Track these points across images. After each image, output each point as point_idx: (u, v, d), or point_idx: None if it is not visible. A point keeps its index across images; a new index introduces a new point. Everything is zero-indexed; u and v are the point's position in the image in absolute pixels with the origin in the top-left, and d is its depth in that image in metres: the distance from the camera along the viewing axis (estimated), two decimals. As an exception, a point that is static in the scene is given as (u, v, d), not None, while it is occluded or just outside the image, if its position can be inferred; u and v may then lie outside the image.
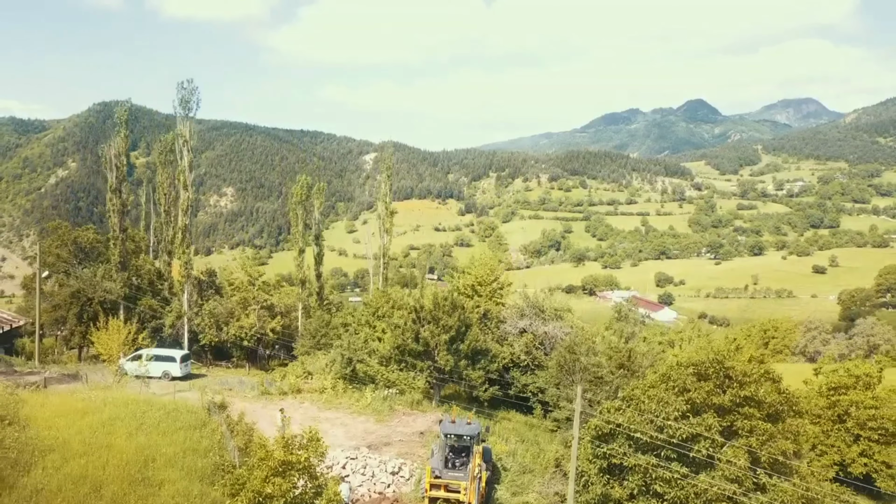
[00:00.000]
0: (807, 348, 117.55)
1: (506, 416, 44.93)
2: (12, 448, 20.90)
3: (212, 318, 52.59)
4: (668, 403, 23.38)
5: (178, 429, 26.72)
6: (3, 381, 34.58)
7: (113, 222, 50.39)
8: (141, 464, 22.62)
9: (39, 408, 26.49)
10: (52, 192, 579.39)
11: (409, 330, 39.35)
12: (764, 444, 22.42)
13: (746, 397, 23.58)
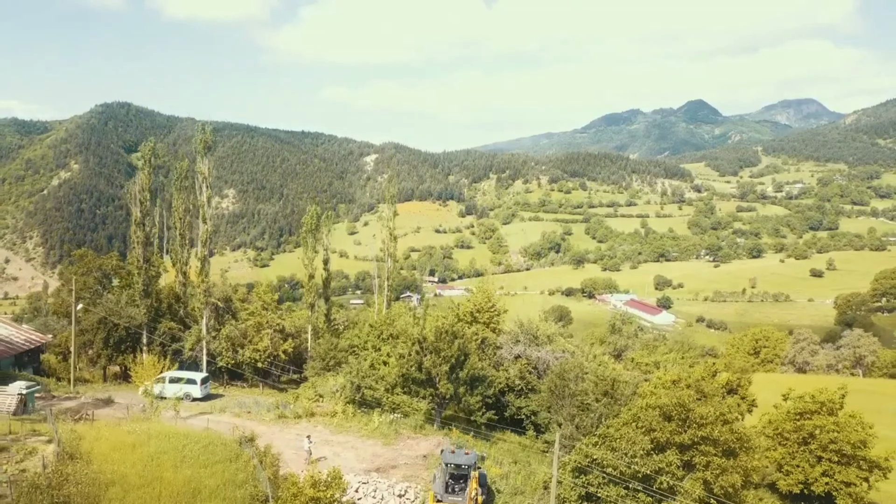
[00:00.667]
0: (795, 359, 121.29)
1: (501, 437, 48.83)
2: (84, 483, 24.82)
3: (228, 342, 56.52)
4: (636, 443, 27.32)
5: (216, 462, 30.45)
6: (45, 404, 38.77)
7: (137, 253, 54.18)
8: (189, 495, 26.41)
9: (95, 442, 30.22)
10: (54, 194, 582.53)
11: (412, 360, 43.26)
12: (717, 477, 26.34)
13: (703, 437, 27.48)
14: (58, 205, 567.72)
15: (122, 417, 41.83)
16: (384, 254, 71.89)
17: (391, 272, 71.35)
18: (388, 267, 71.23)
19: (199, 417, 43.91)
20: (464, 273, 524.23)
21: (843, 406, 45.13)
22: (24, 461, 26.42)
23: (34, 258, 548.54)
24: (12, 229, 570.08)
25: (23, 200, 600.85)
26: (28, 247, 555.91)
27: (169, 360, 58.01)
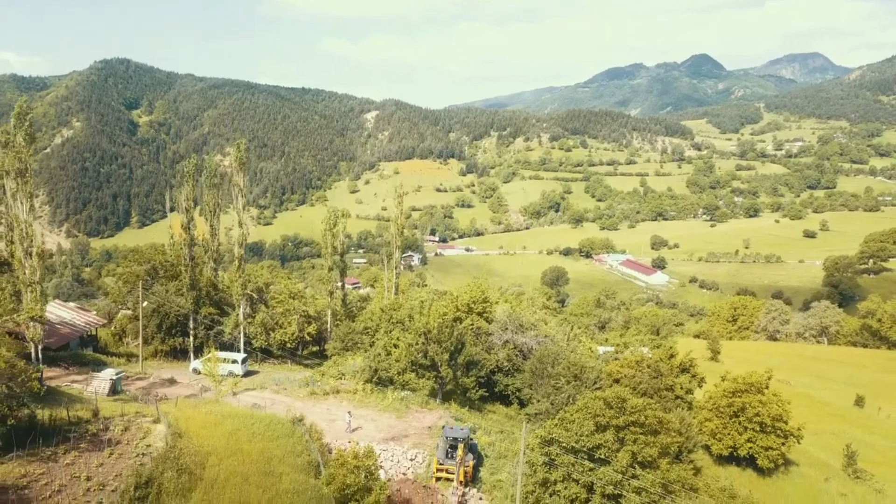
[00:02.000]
0: (767, 327, 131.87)
1: (492, 409, 59.25)
2: (193, 454, 34.88)
3: (262, 326, 66.54)
4: (583, 425, 37.35)
5: (278, 436, 40.46)
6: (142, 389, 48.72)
7: (184, 252, 63.52)
8: (264, 462, 36.30)
9: (187, 421, 40.33)
10: (58, 153, 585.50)
11: (419, 349, 53.27)
12: (641, 450, 36.41)
13: (633, 421, 37.44)
14: (62, 163, 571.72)
15: (189, 395, 52.28)
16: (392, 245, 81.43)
17: (398, 261, 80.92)
18: (396, 258, 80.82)
19: (246, 394, 54.10)
20: (464, 232, 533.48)
21: (768, 386, 55.34)
22: (145, 438, 36.53)
23: (41, 216, 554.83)
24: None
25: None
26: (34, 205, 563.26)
27: (208, 338, 68.37)
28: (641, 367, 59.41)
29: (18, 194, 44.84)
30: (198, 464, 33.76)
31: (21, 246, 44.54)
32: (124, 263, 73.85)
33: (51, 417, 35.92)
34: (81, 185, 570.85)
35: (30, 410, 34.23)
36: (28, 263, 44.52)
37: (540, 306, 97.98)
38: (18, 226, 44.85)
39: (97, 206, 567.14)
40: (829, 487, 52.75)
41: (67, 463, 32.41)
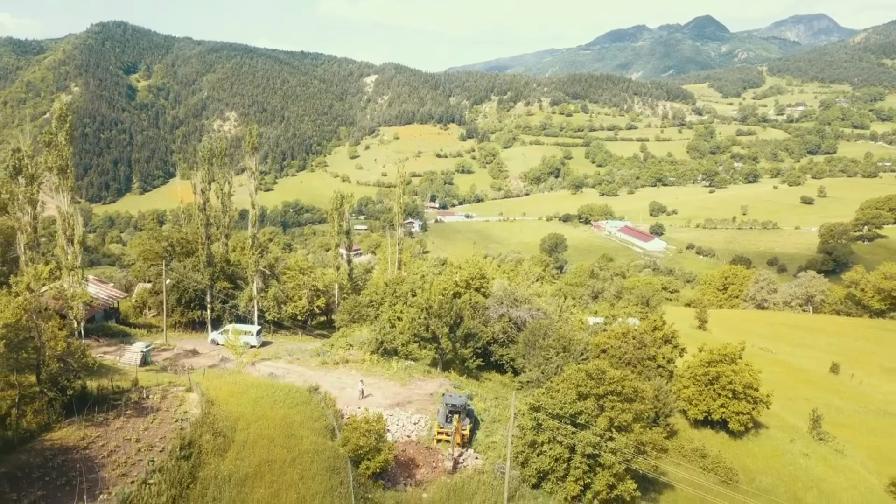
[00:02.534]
0: (756, 296, 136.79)
1: (488, 377, 64.29)
2: (224, 419, 39.81)
3: (274, 300, 71.27)
4: (567, 393, 42.19)
5: (296, 404, 45.43)
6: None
7: (200, 232, 67.72)
8: (286, 426, 41.26)
9: (214, 390, 45.18)
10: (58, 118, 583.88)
11: (421, 323, 58.03)
12: (618, 416, 41.31)
13: (611, 390, 42.28)
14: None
15: (211, 365, 57.28)
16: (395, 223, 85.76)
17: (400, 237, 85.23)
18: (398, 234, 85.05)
19: (263, 364, 59.01)
20: (464, 199, 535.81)
21: (741, 357, 60.26)
22: (181, 405, 41.38)
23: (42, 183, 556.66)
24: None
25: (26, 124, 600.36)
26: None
27: (224, 311, 73.27)
28: (627, 339, 64.25)
29: (61, 188, 49.09)
30: (229, 428, 38.76)
31: (64, 235, 48.93)
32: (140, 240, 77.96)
33: (98, 388, 40.84)
34: (82, 151, 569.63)
35: (82, 382, 39.10)
36: (70, 250, 49.00)
37: (535, 278, 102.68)
38: (61, 216, 49.15)
39: (98, 172, 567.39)
40: (793, 448, 58.07)
41: (118, 427, 37.40)
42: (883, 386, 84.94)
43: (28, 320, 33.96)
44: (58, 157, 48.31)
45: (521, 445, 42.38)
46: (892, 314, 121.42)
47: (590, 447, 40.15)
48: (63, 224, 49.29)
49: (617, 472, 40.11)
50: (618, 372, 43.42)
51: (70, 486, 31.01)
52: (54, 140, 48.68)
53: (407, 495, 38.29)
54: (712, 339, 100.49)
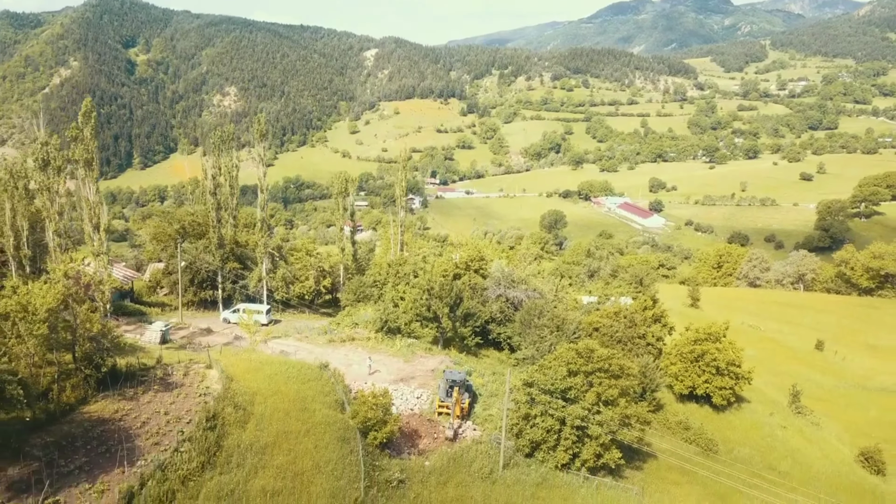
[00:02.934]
0: (748, 274, 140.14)
1: (486, 354, 67.84)
2: (243, 393, 43.33)
3: (283, 281, 74.56)
4: (558, 370, 45.67)
5: (308, 379, 48.94)
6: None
7: (212, 216, 70.76)
8: (300, 400, 44.78)
9: (231, 367, 48.65)
10: (58, 94, 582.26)
11: (423, 304, 61.41)
12: (605, 391, 44.82)
13: (599, 367, 45.78)
14: (62, 104, 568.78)
15: (226, 343, 60.80)
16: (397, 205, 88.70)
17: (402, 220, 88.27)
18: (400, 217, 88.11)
19: (274, 342, 62.52)
20: (464, 175, 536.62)
21: (725, 335, 63.76)
22: (203, 381, 44.88)
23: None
24: (19, 129, 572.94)
25: (26, 99, 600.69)
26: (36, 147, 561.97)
27: (235, 291, 76.72)
28: (619, 318, 67.77)
29: (87, 180, 52.09)
30: (248, 402, 42.37)
31: (90, 222, 52.04)
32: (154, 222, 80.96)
33: (127, 365, 44.36)
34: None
35: (113, 360, 42.61)
36: (96, 237, 52.16)
37: (533, 257, 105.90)
38: (88, 206, 52.22)
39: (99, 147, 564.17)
40: (772, 421, 61.83)
41: (147, 401, 40.99)
42: (865, 362, 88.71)
43: (66, 305, 37.30)
44: (84, 151, 51.25)
45: (516, 418, 45.99)
46: (881, 292, 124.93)
47: (578, 420, 43.77)
48: (89, 212, 52.40)
49: (603, 442, 43.79)
50: (605, 351, 46.88)
51: (110, 454, 34.63)
52: (80, 135, 51.56)
53: (411, 463, 41.97)
54: (704, 316, 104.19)
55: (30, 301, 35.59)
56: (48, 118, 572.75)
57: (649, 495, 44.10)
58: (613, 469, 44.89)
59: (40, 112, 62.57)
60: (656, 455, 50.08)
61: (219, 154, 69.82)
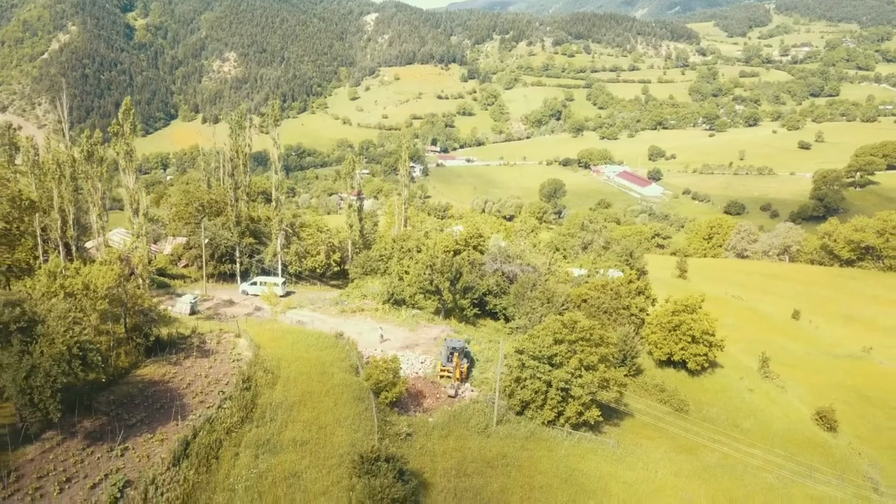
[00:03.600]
0: (736, 246, 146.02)
1: (483, 323, 74.05)
2: (271, 359, 49.61)
3: (296, 255, 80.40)
4: (545, 339, 51.89)
5: (326, 347, 55.15)
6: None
7: (230, 195, 76.21)
8: (321, 365, 51.03)
9: (257, 336, 54.86)
10: (57, 59, 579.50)
11: (426, 278, 67.41)
12: (586, 357, 51.06)
13: (581, 337, 51.98)
14: (62, 70, 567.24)
15: (247, 314, 67.08)
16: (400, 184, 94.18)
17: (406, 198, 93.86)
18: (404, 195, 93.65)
19: (290, 312, 68.82)
20: (465, 142, 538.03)
21: (701, 307, 69.93)
22: (234, 349, 51.17)
23: (45, 125, 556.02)
24: (20, 95, 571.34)
25: (25, 65, 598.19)
26: (38, 113, 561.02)
27: (251, 264, 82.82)
28: (605, 290, 73.97)
29: (127, 169, 57.61)
30: (275, 366, 48.73)
31: (131, 207, 57.76)
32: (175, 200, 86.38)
33: (168, 334, 50.65)
34: (83, 92, 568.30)
35: (158, 330, 48.87)
36: (136, 220, 57.95)
37: (530, 229, 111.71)
38: (128, 192, 57.88)
39: (100, 114, 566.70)
40: (741, 384, 68.39)
41: (189, 366, 47.38)
42: (837, 331, 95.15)
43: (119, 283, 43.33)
44: (124, 144, 56.60)
45: (509, 381, 52.39)
46: (861, 263, 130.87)
47: (563, 382, 50.17)
48: (130, 199, 58.09)
49: (584, 402, 50.23)
50: (588, 322, 53.09)
51: (164, 410, 41.08)
52: (121, 130, 56.85)
53: (417, 419, 48.48)
54: (691, 287, 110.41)
55: (91, 280, 41.57)
56: (48, 84, 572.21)
57: (623, 447, 50.73)
58: (593, 425, 51.44)
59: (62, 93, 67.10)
60: (633, 414, 56.71)
61: (236, 138, 74.91)
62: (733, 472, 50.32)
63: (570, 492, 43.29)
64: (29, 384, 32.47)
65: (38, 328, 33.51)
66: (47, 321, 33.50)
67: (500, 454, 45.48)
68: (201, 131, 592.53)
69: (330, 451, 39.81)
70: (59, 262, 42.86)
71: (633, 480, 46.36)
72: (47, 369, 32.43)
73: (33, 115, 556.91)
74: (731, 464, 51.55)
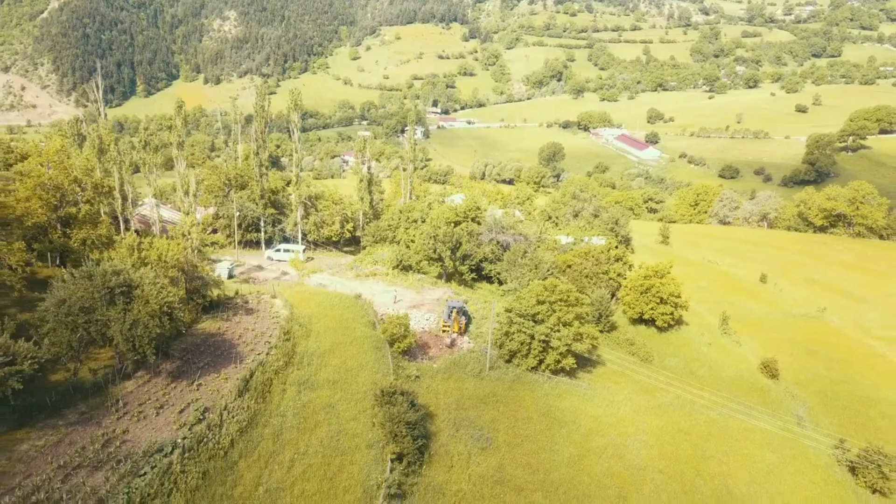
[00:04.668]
0: (719, 213, 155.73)
1: (480, 286, 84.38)
2: (303, 317, 60.09)
3: (314, 225, 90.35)
4: (529, 300, 62.26)
5: (347, 306, 65.44)
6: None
7: (255, 171, 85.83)
8: (345, 321, 61.54)
9: (289, 297, 65.37)
10: (57, 19, 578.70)
11: (429, 247, 77.47)
12: (563, 315, 61.53)
13: (560, 298, 62.39)
14: (63, 30, 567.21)
15: (275, 277, 77.55)
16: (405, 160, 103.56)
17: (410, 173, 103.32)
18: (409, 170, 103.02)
19: (313, 277, 79.30)
20: (466, 103, 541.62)
21: (669, 271, 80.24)
22: (272, 308, 61.63)
23: (49, 85, 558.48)
24: (22, 55, 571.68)
25: (26, 24, 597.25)
26: (41, 73, 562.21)
27: (275, 233, 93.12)
28: (588, 257, 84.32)
29: (178, 158, 67.28)
30: (307, 322, 59.37)
31: (182, 189, 67.59)
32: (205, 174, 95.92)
33: (217, 295, 61.20)
34: (85, 52, 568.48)
35: (210, 292, 59.38)
36: (187, 200, 67.92)
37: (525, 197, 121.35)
38: (180, 176, 67.66)
39: (104, 74, 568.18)
40: (701, 339, 79.12)
41: (237, 322, 58.00)
42: (799, 293, 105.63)
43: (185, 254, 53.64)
44: (177, 135, 66.12)
45: (499, 334, 63.07)
46: (833, 230, 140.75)
47: (543, 336, 60.87)
48: (182, 182, 67.84)
49: (561, 352, 60.95)
50: (565, 286, 63.52)
51: (224, 356, 51.80)
52: (173, 123, 66.30)
53: (423, 365, 59.25)
54: (672, 252, 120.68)
55: (162, 253, 51.77)
56: (50, 44, 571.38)
57: (594, 389, 61.69)
58: (569, 371, 62.30)
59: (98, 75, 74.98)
60: (604, 363, 67.62)
61: (263, 121, 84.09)
62: (683, 409, 61.44)
63: (546, 422, 54.34)
64: (132, 334, 42.92)
65: (135, 291, 43.72)
66: (142, 286, 43.64)
67: (491, 393, 56.43)
68: (203, 91, 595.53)
69: (356, 388, 50.65)
70: (135, 237, 52.78)
71: (599, 415, 57.47)
72: (145, 322, 42.81)
73: (36, 76, 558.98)
74: (682, 403, 62.62)
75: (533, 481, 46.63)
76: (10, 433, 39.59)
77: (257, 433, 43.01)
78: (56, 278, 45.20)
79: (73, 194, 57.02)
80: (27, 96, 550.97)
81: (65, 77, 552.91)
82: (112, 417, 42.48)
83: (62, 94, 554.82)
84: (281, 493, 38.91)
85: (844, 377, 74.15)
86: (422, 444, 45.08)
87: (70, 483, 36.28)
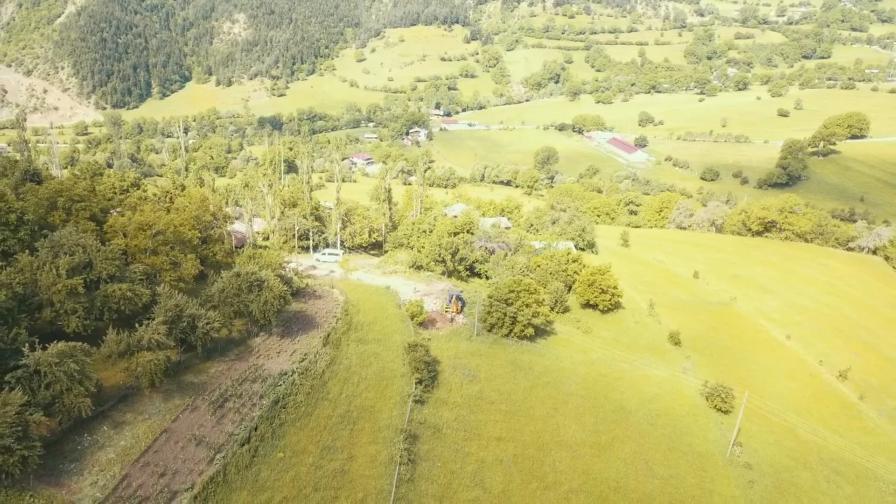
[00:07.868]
0: (676, 219, 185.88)
1: (473, 280, 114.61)
2: (354, 302, 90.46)
3: (350, 235, 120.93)
4: (503, 290, 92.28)
5: (380, 294, 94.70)
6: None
7: (305, 195, 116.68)
8: (380, 304, 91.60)
9: (342, 287, 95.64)
10: (76, 24, 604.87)
11: (435, 253, 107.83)
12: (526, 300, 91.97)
13: (523, 289, 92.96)
14: (82, 35, 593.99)
15: (325, 274, 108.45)
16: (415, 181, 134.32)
17: (421, 191, 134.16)
18: (419, 192, 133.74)
19: (353, 274, 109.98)
20: (467, 106, 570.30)
21: (609, 270, 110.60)
22: (332, 296, 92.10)
23: (69, 88, 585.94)
24: (43, 59, 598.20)
25: (44, 27, 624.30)
26: (62, 77, 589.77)
27: (318, 242, 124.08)
28: (552, 260, 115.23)
29: (268, 195, 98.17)
30: (357, 304, 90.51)
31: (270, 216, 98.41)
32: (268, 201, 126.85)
33: (298, 286, 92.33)
34: (103, 56, 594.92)
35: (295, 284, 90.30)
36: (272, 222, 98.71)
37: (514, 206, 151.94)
38: (269, 207, 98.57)
39: (120, 77, 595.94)
40: (631, 319, 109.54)
41: (312, 303, 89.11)
42: (721, 286, 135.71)
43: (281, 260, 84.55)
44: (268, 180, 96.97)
45: (483, 313, 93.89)
46: (767, 234, 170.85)
47: (512, 314, 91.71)
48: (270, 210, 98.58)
49: (524, 324, 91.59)
50: (528, 280, 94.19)
51: (309, 324, 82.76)
52: (265, 171, 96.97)
53: (433, 333, 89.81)
54: (630, 253, 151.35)
55: (269, 260, 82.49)
56: (70, 48, 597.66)
57: (546, 349, 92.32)
58: (530, 338, 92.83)
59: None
60: (556, 333, 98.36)
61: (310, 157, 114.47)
62: (605, 362, 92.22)
63: (512, 368, 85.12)
64: (264, 309, 73.81)
65: (264, 284, 74.47)
66: (268, 281, 74.34)
67: (477, 350, 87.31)
68: (216, 93, 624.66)
69: (392, 344, 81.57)
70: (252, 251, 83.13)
71: (547, 364, 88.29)
72: (271, 302, 73.68)
73: (57, 79, 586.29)
74: (606, 359, 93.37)
75: (500, 399, 77.52)
76: (202, 364, 70.63)
77: (336, 367, 74.04)
78: (211, 276, 76.17)
79: (210, 222, 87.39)
80: (49, 99, 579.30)
81: (84, 80, 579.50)
82: (253, 357, 73.53)
83: (82, 97, 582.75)
84: (354, 398, 69.86)
85: (728, 345, 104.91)
86: (433, 374, 76.09)
87: (241, 388, 67.26)
